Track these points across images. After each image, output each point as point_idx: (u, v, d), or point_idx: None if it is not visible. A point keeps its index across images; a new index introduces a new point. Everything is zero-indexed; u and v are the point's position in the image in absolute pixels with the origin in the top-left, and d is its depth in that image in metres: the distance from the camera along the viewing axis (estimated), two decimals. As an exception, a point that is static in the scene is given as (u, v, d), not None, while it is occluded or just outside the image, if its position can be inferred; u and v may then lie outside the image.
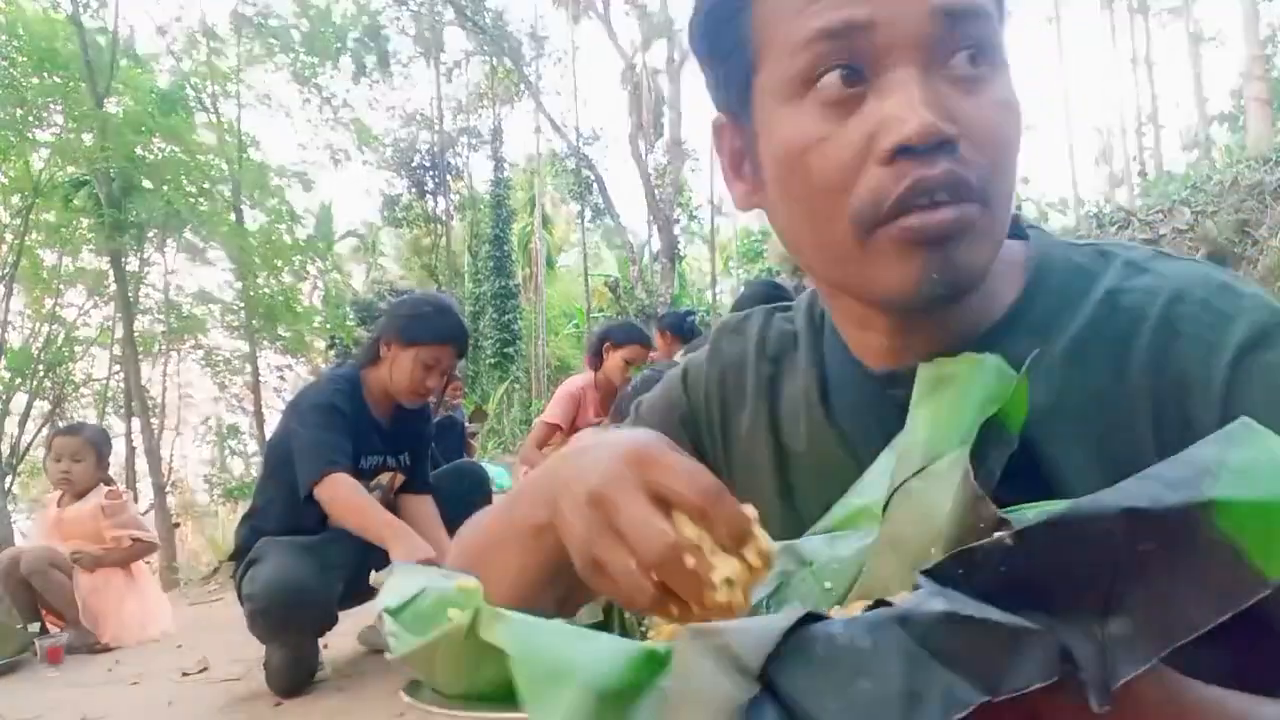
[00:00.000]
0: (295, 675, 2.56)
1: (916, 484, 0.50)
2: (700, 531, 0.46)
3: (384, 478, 2.75)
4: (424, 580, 0.50)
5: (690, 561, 0.45)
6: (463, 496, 2.98)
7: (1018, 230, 0.68)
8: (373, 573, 0.55)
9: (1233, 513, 0.30)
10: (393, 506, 2.80)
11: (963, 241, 0.55)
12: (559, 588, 0.56)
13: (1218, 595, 0.29)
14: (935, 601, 0.30)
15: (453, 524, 2.76)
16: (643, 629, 0.56)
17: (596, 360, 3.97)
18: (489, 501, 3.10)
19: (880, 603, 0.32)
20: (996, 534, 0.31)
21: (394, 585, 0.51)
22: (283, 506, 2.63)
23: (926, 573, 0.32)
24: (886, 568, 0.49)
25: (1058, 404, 0.59)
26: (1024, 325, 0.62)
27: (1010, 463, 0.53)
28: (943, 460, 0.50)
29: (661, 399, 0.83)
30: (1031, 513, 0.44)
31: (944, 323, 0.62)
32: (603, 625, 0.56)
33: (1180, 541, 0.29)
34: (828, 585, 0.54)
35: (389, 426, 2.73)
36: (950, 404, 0.54)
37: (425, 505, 2.82)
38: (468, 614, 0.37)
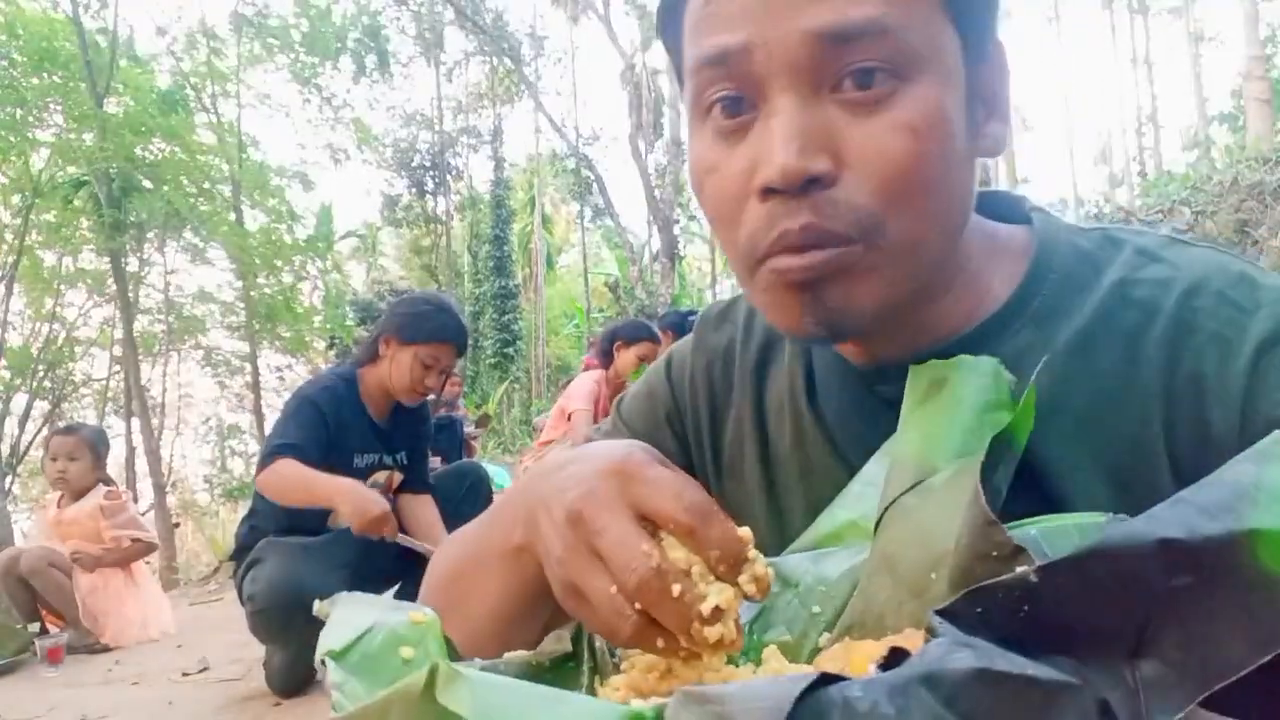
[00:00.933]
0: (295, 675, 2.56)
1: (911, 500, 0.46)
2: (690, 555, 0.42)
3: (380, 476, 2.75)
4: (373, 614, 0.44)
5: (677, 589, 0.40)
6: (463, 497, 2.98)
7: (1021, 215, 0.65)
8: (316, 602, 0.48)
9: (1274, 543, 0.27)
10: (392, 506, 2.80)
11: (836, 284, 0.53)
12: (542, 614, 0.51)
13: (1259, 633, 0.26)
14: (962, 655, 0.27)
15: (452, 524, 2.78)
16: (615, 660, 0.50)
17: (606, 360, 4.04)
18: (489, 502, 3.10)
19: (895, 652, 0.29)
20: (1019, 569, 0.29)
21: (338, 620, 0.44)
22: (281, 506, 2.62)
23: (941, 613, 0.29)
24: (881, 592, 0.45)
25: (1058, 401, 0.55)
26: (1023, 316, 0.59)
27: None
28: (940, 475, 0.46)
29: (644, 395, 0.78)
30: (1035, 529, 0.42)
31: (919, 321, 0.60)
32: (571, 657, 0.49)
33: (1218, 575, 0.27)
34: (816, 609, 0.50)
35: (386, 426, 2.73)
36: (944, 411, 0.50)
37: (426, 505, 2.81)
38: (423, 672, 0.32)
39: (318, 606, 0.48)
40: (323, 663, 0.42)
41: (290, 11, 14.46)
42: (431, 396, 2.85)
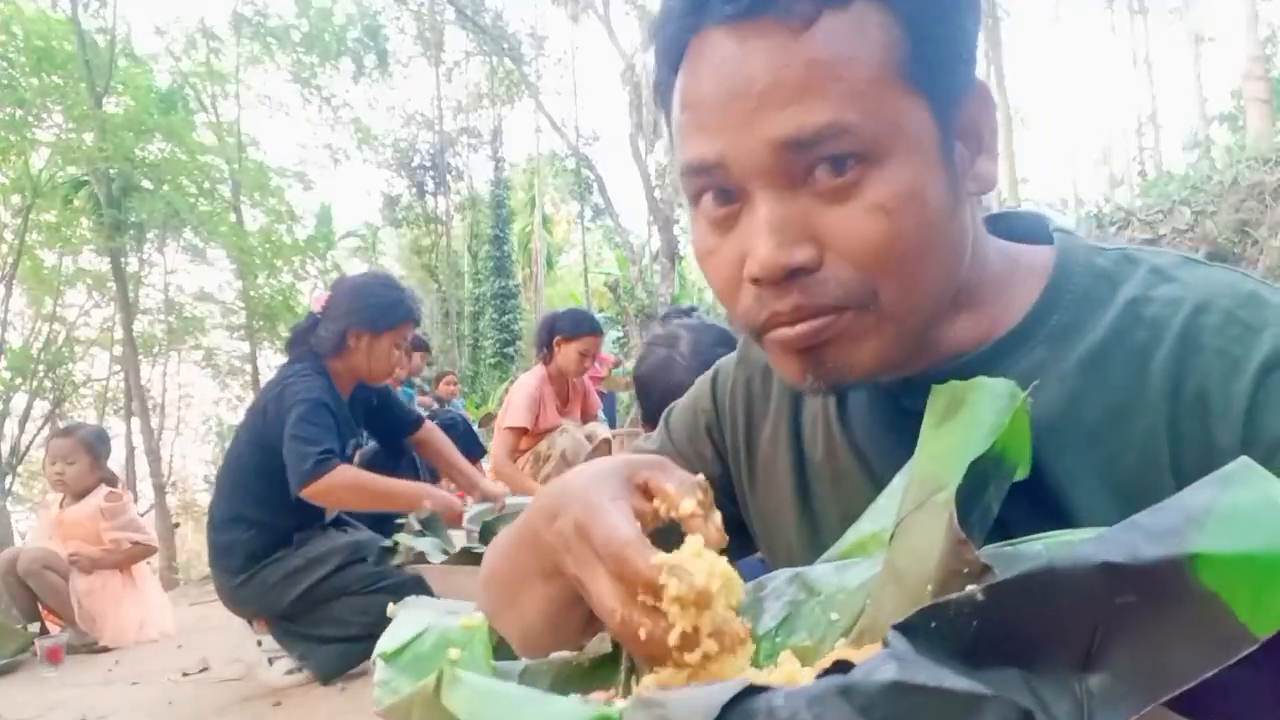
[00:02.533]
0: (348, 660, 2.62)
1: (919, 516, 0.49)
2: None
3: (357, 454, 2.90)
4: (430, 617, 0.51)
5: (643, 634, 0.46)
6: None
7: (1045, 235, 0.67)
8: (389, 604, 0.55)
9: (1216, 566, 0.28)
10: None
11: (834, 346, 0.57)
12: (583, 609, 0.57)
13: (1204, 649, 0.28)
14: (886, 668, 0.29)
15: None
16: None
17: (546, 353, 3.73)
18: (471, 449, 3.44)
19: (840, 664, 0.31)
20: (969, 588, 0.31)
21: (398, 624, 0.51)
22: (284, 506, 2.58)
23: (897, 627, 0.31)
24: (889, 602, 0.48)
25: (1069, 416, 0.57)
26: (1040, 333, 0.61)
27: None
28: (943, 493, 0.49)
29: (690, 406, 0.84)
30: (1041, 544, 0.43)
31: (935, 341, 0.62)
32: (612, 658, 0.56)
33: (1162, 595, 0.29)
34: (834, 617, 0.53)
35: (352, 408, 2.82)
36: (958, 432, 0.52)
37: (434, 432, 3.06)
38: (433, 676, 0.37)
39: (390, 608, 0.54)
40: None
41: (290, 11, 14.47)
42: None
